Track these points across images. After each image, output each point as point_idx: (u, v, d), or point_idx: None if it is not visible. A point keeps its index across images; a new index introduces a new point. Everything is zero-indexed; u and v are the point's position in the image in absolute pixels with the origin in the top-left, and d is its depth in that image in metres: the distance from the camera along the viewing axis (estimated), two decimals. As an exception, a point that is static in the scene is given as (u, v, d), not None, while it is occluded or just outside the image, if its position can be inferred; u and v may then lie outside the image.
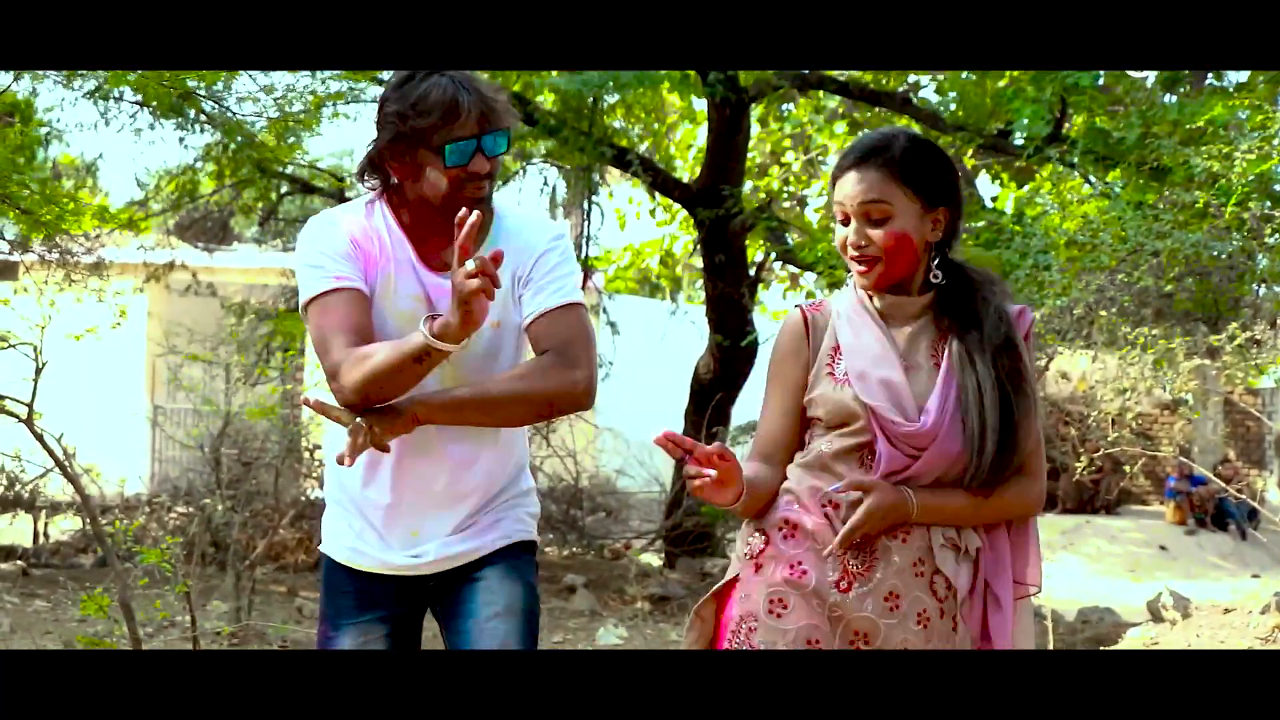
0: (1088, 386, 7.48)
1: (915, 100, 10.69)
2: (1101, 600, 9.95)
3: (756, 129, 12.47)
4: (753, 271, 11.76)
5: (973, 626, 2.46)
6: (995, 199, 12.45)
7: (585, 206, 11.83)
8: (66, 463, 5.65)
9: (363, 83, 7.94)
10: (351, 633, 2.65)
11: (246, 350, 10.63)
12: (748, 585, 2.49)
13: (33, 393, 5.26)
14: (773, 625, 2.43)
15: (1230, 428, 17.43)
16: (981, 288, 2.52)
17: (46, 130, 9.67)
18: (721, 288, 10.50)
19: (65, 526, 10.84)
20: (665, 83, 10.19)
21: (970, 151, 10.67)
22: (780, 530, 2.50)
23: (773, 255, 12.11)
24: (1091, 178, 8.62)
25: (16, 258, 8.53)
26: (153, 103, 7.51)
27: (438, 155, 2.49)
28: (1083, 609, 9.36)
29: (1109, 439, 6.45)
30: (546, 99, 10.43)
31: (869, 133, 2.60)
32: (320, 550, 2.77)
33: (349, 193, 10.96)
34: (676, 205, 12.56)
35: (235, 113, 6.98)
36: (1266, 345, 6.07)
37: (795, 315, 2.61)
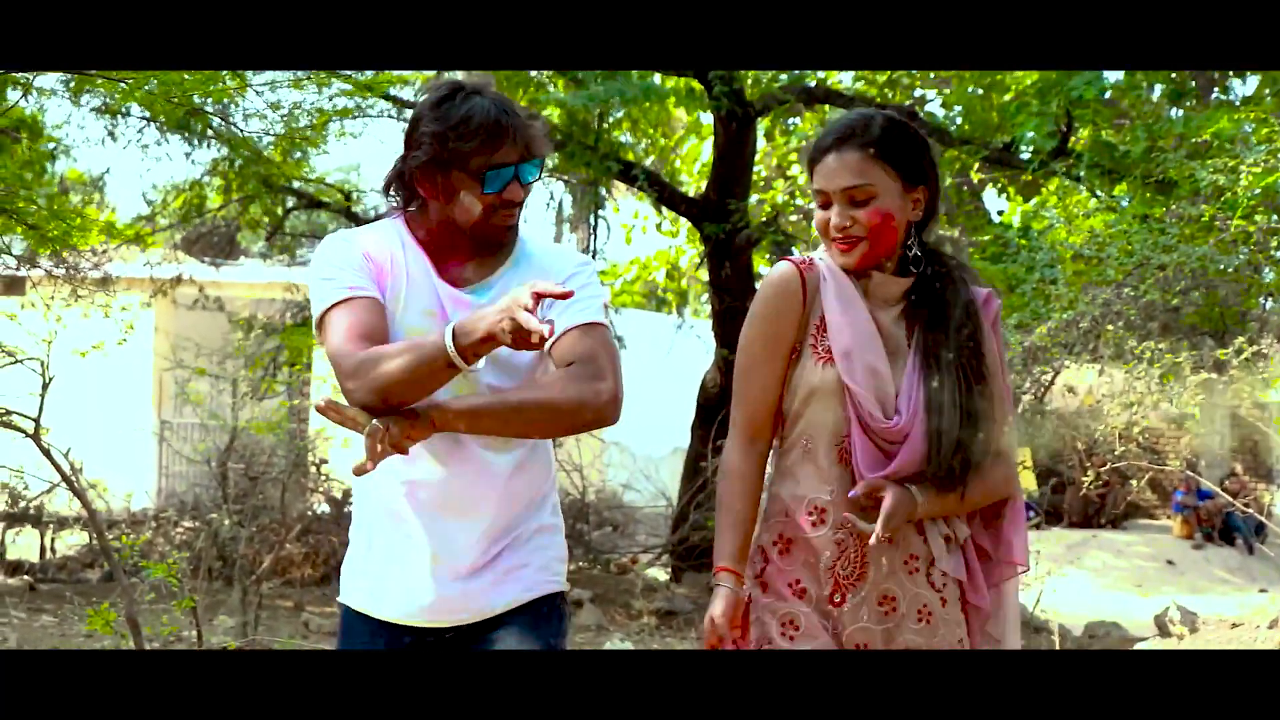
0: (1094, 400, 7.47)
1: (921, 114, 10.70)
2: (1108, 615, 9.91)
3: (762, 143, 12.46)
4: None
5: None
6: (1002, 213, 12.46)
7: (591, 220, 11.85)
8: (73, 477, 5.66)
9: (370, 99, 7.94)
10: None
11: (253, 365, 10.63)
12: (757, 608, 2.50)
13: (40, 407, 5.27)
14: (788, 649, 2.43)
15: (1237, 442, 17.39)
16: (953, 274, 2.51)
17: (54, 145, 9.71)
18: (728, 301, 10.48)
19: (72, 541, 10.83)
20: (671, 97, 10.20)
21: (976, 165, 10.68)
22: (776, 546, 2.51)
23: (779, 269, 12.09)
24: (1098, 191, 8.63)
25: (24, 273, 8.53)
26: (160, 118, 7.53)
27: (475, 180, 2.43)
28: (1089, 624, 9.32)
29: (1116, 453, 6.44)
30: (552, 113, 10.45)
31: (844, 114, 2.57)
32: (338, 601, 2.68)
33: (355, 208, 11.01)
34: (682, 219, 12.57)
35: (243, 129, 6.99)
36: (1273, 359, 6.06)
37: (789, 269, 2.54)
